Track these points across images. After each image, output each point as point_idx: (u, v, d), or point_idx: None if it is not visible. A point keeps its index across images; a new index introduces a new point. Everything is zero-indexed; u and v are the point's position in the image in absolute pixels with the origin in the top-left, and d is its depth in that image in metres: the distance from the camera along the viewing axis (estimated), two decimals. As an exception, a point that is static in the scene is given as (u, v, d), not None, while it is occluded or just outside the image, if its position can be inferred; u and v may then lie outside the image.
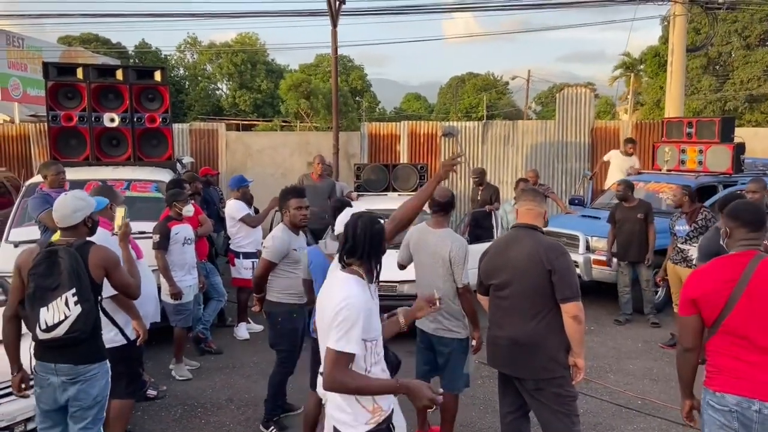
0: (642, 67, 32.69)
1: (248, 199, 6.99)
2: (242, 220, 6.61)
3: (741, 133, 10.40)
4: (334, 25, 11.18)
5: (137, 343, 3.78)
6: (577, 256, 7.93)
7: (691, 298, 2.71)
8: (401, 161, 11.32)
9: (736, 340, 2.56)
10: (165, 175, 6.97)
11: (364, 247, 2.38)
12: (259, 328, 6.75)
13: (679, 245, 6.37)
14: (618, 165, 10.04)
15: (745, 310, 2.56)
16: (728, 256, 2.75)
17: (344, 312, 2.23)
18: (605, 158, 10.42)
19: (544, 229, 3.45)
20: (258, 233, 6.81)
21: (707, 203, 7.79)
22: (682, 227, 6.37)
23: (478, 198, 8.88)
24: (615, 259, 7.36)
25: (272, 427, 4.47)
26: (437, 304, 2.84)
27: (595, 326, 7.07)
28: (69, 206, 3.12)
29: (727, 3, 12.11)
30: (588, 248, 7.89)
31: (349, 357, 2.23)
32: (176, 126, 11.54)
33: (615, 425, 4.58)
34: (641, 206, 7.21)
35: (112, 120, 7.24)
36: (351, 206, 3.89)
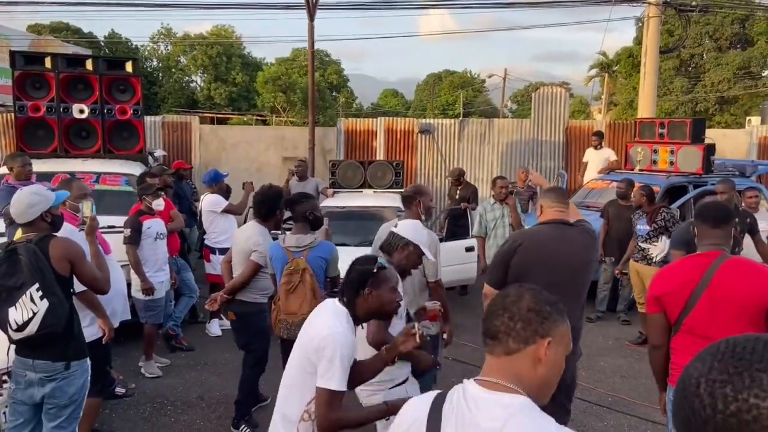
0: (616, 67, 33.15)
1: (225, 193, 6.91)
2: (226, 210, 6.52)
3: (711, 134, 10.60)
4: (311, 18, 11.09)
5: (103, 342, 3.70)
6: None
7: (655, 296, 2.77)
8: (377, 158, 11.29)
9: (697, 339, 2.59)
10: (136, 169, 6.84)
11: (347, 292, 2.32)
12: (231, 324, 6.67)
13: (639, 244, 6.48)
14: (593, 161, 10.18)
15: (705, 310, 2.60)
16: (694, 255, 2.81)
17: (330, 346, 2.12)
18: (584, 159, 10.53)
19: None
20: (234, 228, 6.72)
21: (678, 203, 7.96)
22: (642, 226, 6.48)
23: (456, 196, 8.90)
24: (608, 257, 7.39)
25: (243, 426, 4.42)
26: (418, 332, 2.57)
27: (567, 323, 7.15)
28: (24, 202, 3.04)
29: (700, 6, 12.32)
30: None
31: (342, 394, 2.14)
32: (148, 118, 11.32)
33: (586, 422, 4.63)
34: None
35: (82, 111, 7.07)
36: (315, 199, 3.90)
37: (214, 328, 6.56)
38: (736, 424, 0.74)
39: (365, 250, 4.10)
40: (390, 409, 2.21)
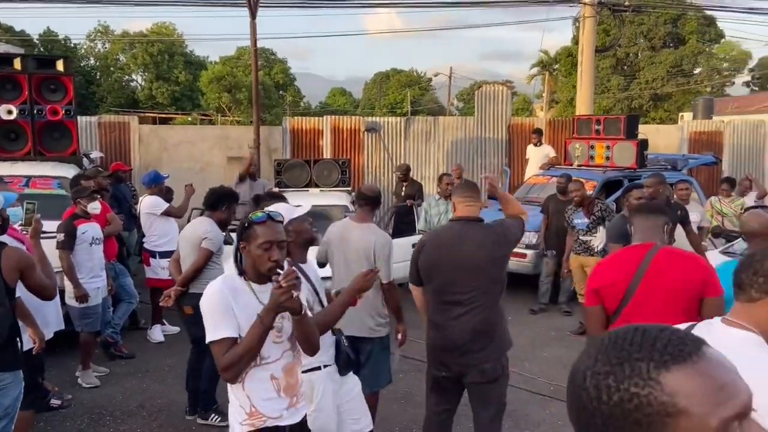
0: (557, 66, 34.08)
1: (166, 195, 6.74)
2: (167, 213, 6.36)
3: (645, 130, 11.05)
4: (253, 16, 10.92)
5: (33, 352, 3.54)
6: (497, 250, 8.16)
7: (594, 288, 2.84)
8: (324, 156, 11.23)
9: None
10: (69, 171, 6.57)
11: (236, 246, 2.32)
12: (174, 330, 6.50)
13: (581, 237, 6.69)
14: (534, 157, 10.48)
15: (641, 300, 2.69)
16: (629, 248, 2.91)
17: (202, 305, 2.27)
18: (526, 156, 10.82)
19: None
20: (174, 231, 6.56)
21: (613, 197, 8.25)
22: (580, 220, 6.69)
23: (402, 193, 8.97)
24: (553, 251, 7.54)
25: (213, 415, 4.37)
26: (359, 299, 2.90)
27: (511, 316, 7.27)
28: None
29: (633, 6, 12.81)
30: (506, 241, 8.13)
31: (221, 342, 2.20)
32: (83, 119, 10.91)
33: (530, 411, 4.75)
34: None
35: (10, 112, 6.74)
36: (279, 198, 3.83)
37: (156, 333, 6.38)
38: (620, 414, 0.76)
39: (312, 250, 4.08)
40: (264, 321, 2.18)
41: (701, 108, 17.23)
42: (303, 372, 2.87)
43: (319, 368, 3.00)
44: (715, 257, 5.33)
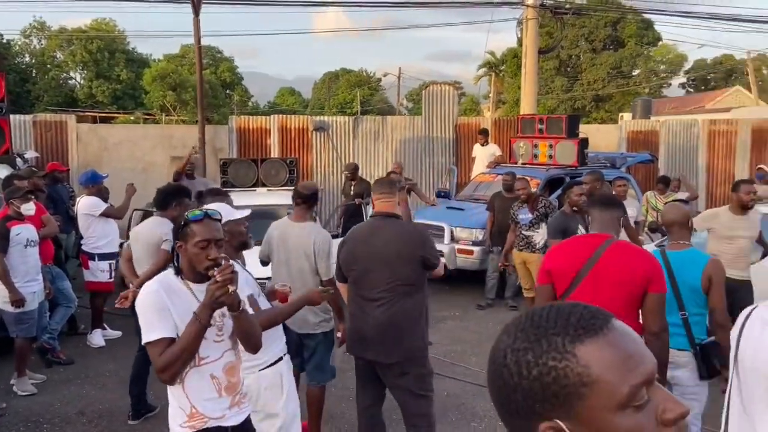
0: (503, 67, 34.78)
1: (104, 196, 6.53)
2: (105, 214, 6.15)
3: (586, 129, 11.42)
4: (196, 13, 10.70)
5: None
6: (443, 246, 8.28)
7: (547, 268, 2.99)
8: (272, 156, 11.11)
9: None
10: (1, 171, 6.29)
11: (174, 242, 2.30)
12: (116, 334, 6.31)
13: (523, 233, 6.87)
14: (480, 157, 10.69)
15: (588, 288, 2.80)
16: (584, 236, 3.13)
17: (138, 305, 2.23)
18: (473, 155, 11.01)
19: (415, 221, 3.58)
20: (115, 232, 6.38)
21: (556, 194, 8.50)
22: (524, 216, 6.87)
23: (351, 192, 8.97)
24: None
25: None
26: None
27: (459, 312, 7.43)
28: None
29: (573, 9, 13.21)
30: (453, 238, 8.27)
31: (157, 342, 2.16)
32: (17, 117, 10.44)
33: (477, 404, 4.84)
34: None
35: (-66, 109, 6.39)
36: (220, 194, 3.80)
37: (96, 338, 6.17)
38: (539, 387, 0.79)
39: (256, 249, 4.05)
40: (201, 318, 2.15)
41: (640, 108, 17.88)
42: (270, 365, 2.89)
43: (281, 358, 3.05)
44: (650, 250, 5.58)
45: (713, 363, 3.23)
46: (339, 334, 3.99)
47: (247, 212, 3.14)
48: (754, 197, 5.17)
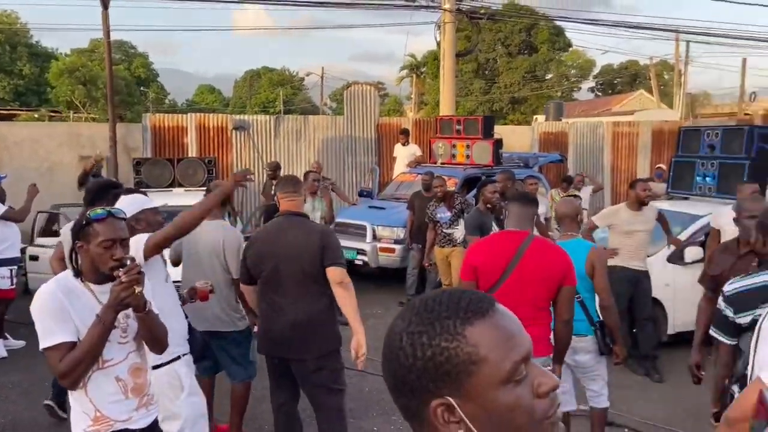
0: (424, 69, 35.41)
1: (1, 197, 6.12)
2: (5, 216, 5.77)
3: (501, 131, 11.86)
4: (105, 6, 10.23)
5: None
6: (365, 245, 8.37)
7: (472, 264, 3.10)
8: (189, 155, 10.80)
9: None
10: None
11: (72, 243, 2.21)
12: (19, 344, 5.94)
13: (444, 230, 7.06)
14: (401, 156, 10.87)
15: (513, 284, 2.97)
16: (505, 232, 3.23)
17: (33, 309, 2.14)
18: (395, 154, 11.17)
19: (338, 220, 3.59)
20: (15, 235, 6.00)
21: (473, 192, 8.78)
22: (443, 214, 7.07)
23: (272, 192, 8.86)
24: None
25: None
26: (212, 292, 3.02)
27: (381, 310, 7.52)
28: None
29: (488, 14, 13.67)
30: (375, 237, 8.37)
31: (56, 347, 2.08)
32: None
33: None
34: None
35: None
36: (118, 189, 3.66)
37: (-2, 349, 5.79)
38: (432, 367, 0.85)
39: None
40: (104, 320, 2.09)
41: (552, 111, 18.76)
42: (164, 363, 2.82)
43: (178, 357, 2.99)
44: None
45: (608, 341, 3.55)
46: (255, 329, 3.97)
47: (156, 203, 3.09)
48: (650, 194, 5.58)
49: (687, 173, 6.90)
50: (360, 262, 8.41)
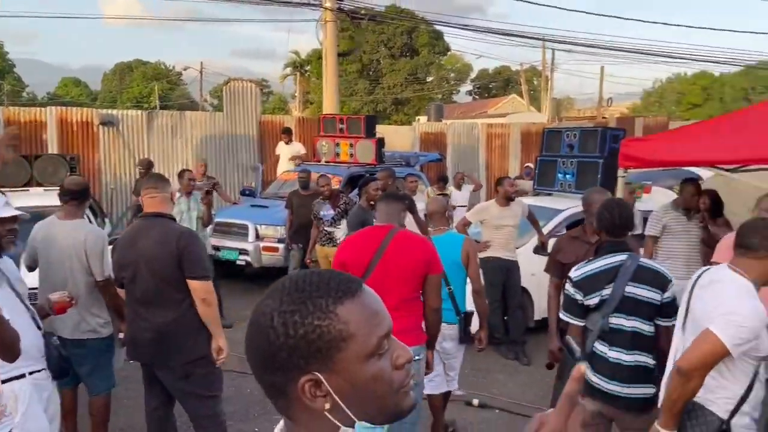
0: (308, 67, 35.26)
1: None
2: None
3: (384, 130, 12.11)
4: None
5: None
6: (247, 245, 8.18)
7: (341, 260, 3.19)
8: (49, 152, 9.93)
9: None
10: None
11: None
12: None
13: (326, 228, 7.09)
14: (285, 155, 10.74)
15: (379, 276, 3.04)
16: (372, 227, 3.38)
17: None
18: (277, 151, 11.01)
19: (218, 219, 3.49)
20: None
21: (356, 190, 8.88)
22: (326, 212, 7.10)
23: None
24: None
25: None
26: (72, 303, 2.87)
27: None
28: None
29: (369, 15, 13.87)
30: (257, 236, 8.21)
31: None
32: None
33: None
34: (317, 195, 7.73)
35: None
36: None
37: None
38: (304, 344, 0.88)
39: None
40: None
41: (433, 112, 19.41)
42: (3, 381, 2.56)
43: (23, 376, 2.70)
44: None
45: (469, 330, 3.88)
46: (121, 335, 3.75)
47: (12, 212, 2.79)
48: (516, 190, 6.00)
49: (550, 171, 7.45)
50: (243, 263, 8.21)
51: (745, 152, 4.24)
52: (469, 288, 3.96)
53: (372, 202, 6.16)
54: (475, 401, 4.76)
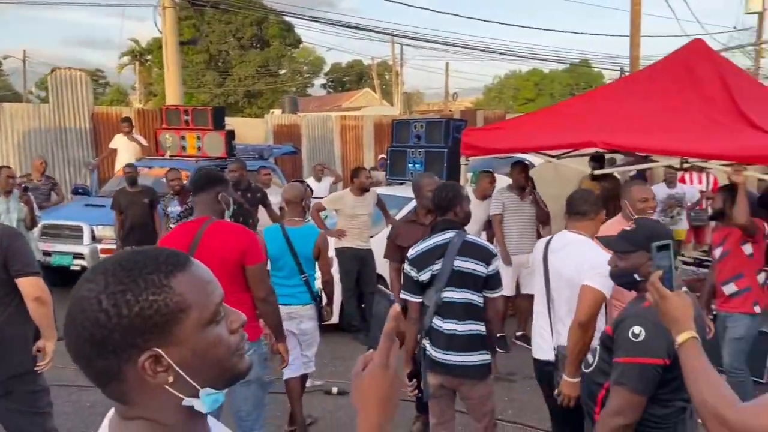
0: (150, 57, 33.04)
1: None
2: None
3: (235, 123, 11.69)
4: None
5: None
6: (83, 248, 7.49)
7: None
8: None
9: None
10: None
11: None
12: None
13: (170, 225, 6.70)
14: (124, 148, 9.93)
15: None
16: (188, 222, 3.26)
17: None
18: (111, 145, 10.15)
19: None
20: None
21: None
22: (174, 208, 6.73)
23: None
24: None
25: None
26: None
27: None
28: None
29: (212, 2, 13.26)
30: (94, 238, 7.56)
31: None
32: None
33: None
34: (146, 192, 7.22)
35: None
36: None
37: None
38: (141, 322, 0.87)
39: None
40: None
41: (288, 105, 19.12)
42: None
43: None
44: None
45: (321, 310, 4.03)
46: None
47: None
48: (372, 181, 6.15)
49: (400, 161, 7.68)
50: (78, 268, 7.47)
51: (567, 138, 4.70)
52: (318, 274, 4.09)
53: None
54: (334, 389, 4.76)
